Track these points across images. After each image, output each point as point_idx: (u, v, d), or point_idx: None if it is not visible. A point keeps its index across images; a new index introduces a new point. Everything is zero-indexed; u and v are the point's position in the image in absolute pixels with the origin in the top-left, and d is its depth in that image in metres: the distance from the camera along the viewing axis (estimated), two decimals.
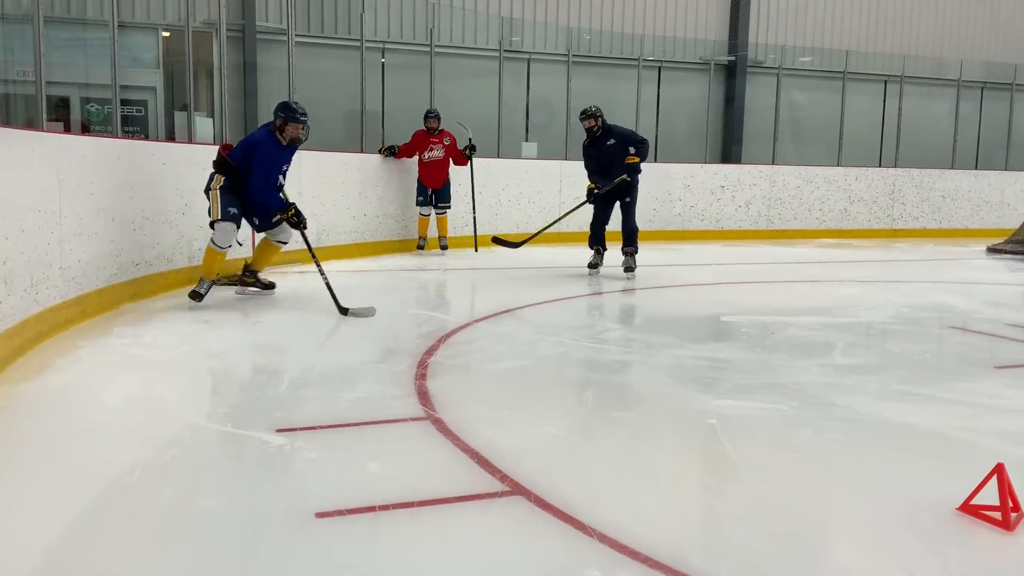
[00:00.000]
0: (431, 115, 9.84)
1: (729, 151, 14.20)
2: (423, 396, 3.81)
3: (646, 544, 2.35)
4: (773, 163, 13.69)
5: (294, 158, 6.35)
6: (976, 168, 15.08)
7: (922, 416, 3.70)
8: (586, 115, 8.05)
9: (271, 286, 6.64)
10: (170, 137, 10.23)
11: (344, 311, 5.63)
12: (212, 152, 6.34)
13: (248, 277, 6.58)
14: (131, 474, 2.88)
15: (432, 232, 10.01)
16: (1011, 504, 2.53)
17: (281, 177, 6.15)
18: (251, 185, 5.99)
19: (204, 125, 9.09)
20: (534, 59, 12.95)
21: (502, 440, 3.24)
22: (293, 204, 6.12)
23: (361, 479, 2.87)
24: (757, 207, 12.94)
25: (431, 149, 9.75)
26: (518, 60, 12.80)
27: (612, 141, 7.99)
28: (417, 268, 8.72)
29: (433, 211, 9.90)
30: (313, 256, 6.18)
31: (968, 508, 2.60)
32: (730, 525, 2.65)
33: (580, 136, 8.61)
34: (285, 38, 9.36)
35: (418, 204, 9.87)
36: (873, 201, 13.70)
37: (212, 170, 6.11)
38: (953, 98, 15.05)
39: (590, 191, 8.13)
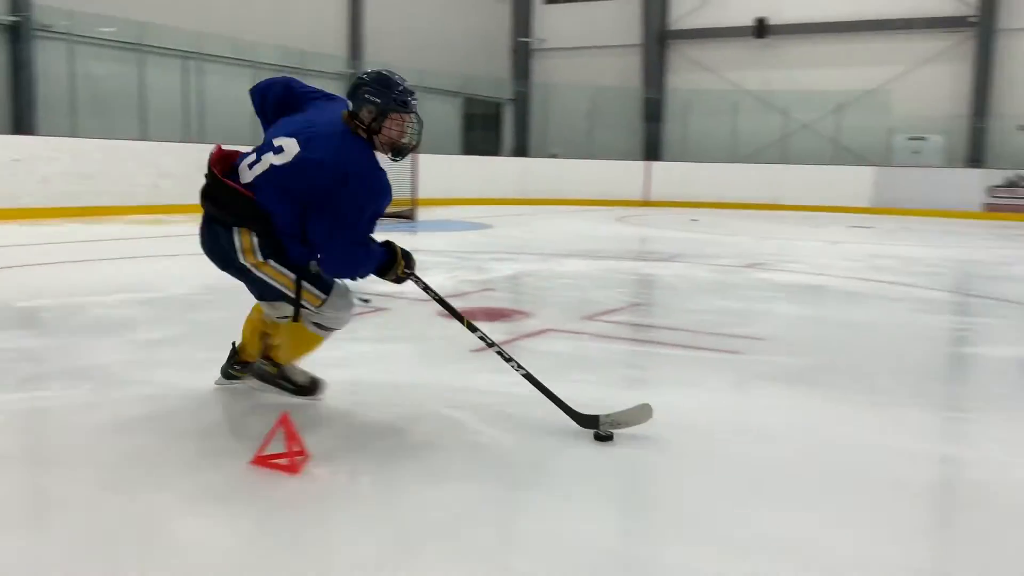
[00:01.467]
0: None
1: (22, 121, 12.85)
2: None
3: None
4: (76, 136, 12.82)
5: None
6: None
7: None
8: None
9: (312, 389, 3.44)
10: None
11: (592, 424, 3.06)
12: None
13: (272, 369, 3.42)
14: None
15: None
16: (296, 449, 2.76)
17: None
18: (317, 245, 3.07)
19: None
20: None
21: None
22: (391, 244, 3.18)
23: None
24: (59, 183, 11.97)
25: None
26: None
27: None
28: None
29: None
30: (473, 328, 3.33)
31: (260, 460, 2.76)
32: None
33: None
34: None
35: None
36: (185, 176, 13.72)
37: (212, 212, 3.11)
38: (251, 78, 15.90)
39: None
